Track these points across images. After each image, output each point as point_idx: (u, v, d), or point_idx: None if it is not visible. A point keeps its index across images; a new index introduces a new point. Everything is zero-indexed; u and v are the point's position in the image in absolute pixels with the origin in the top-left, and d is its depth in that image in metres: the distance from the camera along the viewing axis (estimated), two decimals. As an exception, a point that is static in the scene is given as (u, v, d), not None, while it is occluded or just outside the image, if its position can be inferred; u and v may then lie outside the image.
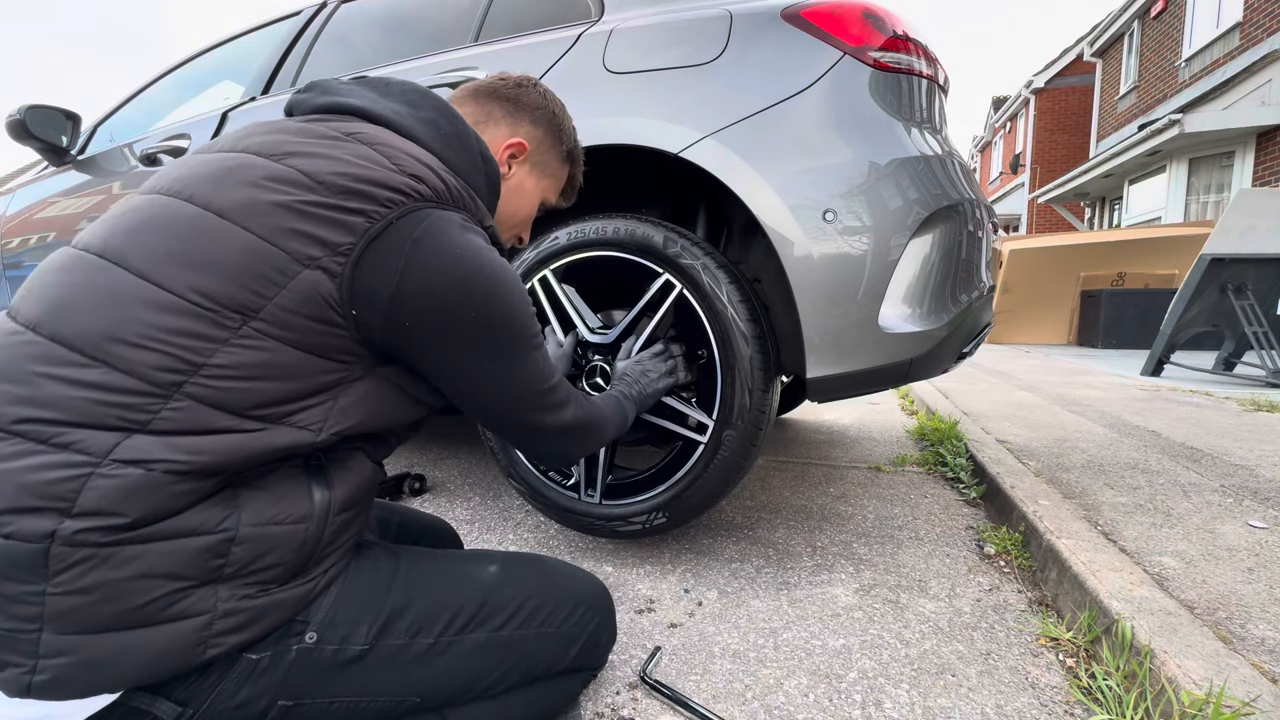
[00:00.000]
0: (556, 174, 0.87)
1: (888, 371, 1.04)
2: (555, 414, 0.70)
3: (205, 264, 0.50)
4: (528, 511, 1.51)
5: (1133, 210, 9.70)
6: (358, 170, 0.55)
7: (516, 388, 0.66)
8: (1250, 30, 7.51)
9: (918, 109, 1.09)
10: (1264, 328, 3.72)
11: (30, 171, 2.26)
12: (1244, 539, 1.24)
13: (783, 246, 1.01)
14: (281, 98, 1.63)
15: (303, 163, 0.55)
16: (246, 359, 0.50)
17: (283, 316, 0.51)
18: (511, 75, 0.85)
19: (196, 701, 0.52)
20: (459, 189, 0.63)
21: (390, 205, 0.55)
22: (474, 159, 0.69)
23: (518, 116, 0.81)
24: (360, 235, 0.53)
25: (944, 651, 0.92)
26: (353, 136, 0.60)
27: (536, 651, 0.67)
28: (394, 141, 0.61)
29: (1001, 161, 18.27)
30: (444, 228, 0.58)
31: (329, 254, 0.52)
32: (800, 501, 1.59)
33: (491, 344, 0.62)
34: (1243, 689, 0.72)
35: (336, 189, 0.54)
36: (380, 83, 0.71)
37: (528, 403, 0.67)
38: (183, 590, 0.49)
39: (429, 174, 0.60)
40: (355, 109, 0.65)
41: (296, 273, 0.51)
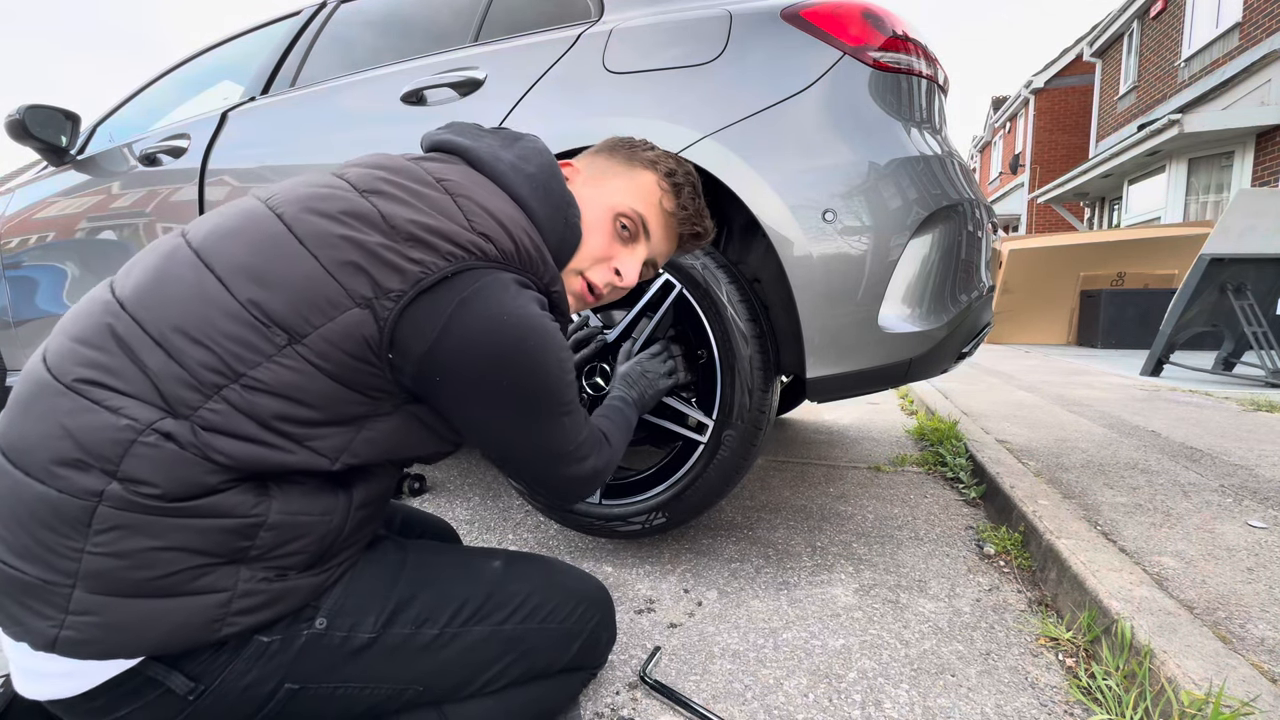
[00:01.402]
0: (622, 175, 0.76)
1: (887, 371, 1.04)
2: (576, 466, 0.69)
3: (271, 281, 0.53)
4: (527, 511, 1.51)
5: (1132, 210, 9.70)
6: (430, 220, 0.57)
7: (542, 448, 0.65)
8: (1250, 30, 7.52)
9: (917, 109, 1.09)
10: (1263, 328, 3.72)
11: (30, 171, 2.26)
12: (1243, 539, 1.24)
13: (782, 246, 1.01)
14: (282, 97, 1.63)
15: (383, 204, 0.57)
16: (283, 378, 0.52)
17: (323, 347, 0.53)
18: None
19: (208, 678, 0.53)
20: (530, 250, 0.62)
21: (450, 259, 0.56)
22: (555, 220, 0.68)
23: (590, 155, 0.81)
24: (412, 284, 0.54)
25: (944, 651, 0.92)
26: (442, 184, 0.61)
27: (539, 647, 0.68)
28: (478, 194, 0.62)
29: (1001, 161, 18.27)
30: (496, 291, 0.57)
31: (380, 296, 0.54)
32: (800, 501, 1.59)
33: (524, 409, 0.61)
34: (1242, 689, 0.72)
35: (404, 235, 0.55)
36: (502, 132, 0.74)
37: (551, 459, 0.66)
38: (208, 566, 0.51)
39: (500, 233, 0.60)
40: (460, 148, 0.68)
41: (346, 308, 0.53)
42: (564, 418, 0.65)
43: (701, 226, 0.80)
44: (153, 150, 1.72)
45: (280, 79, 1.70)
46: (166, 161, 1.70)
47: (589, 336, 1.12)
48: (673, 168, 0.77)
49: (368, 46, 1.65)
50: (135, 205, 1.75)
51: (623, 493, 1.19)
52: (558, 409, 0.64)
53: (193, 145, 1.65)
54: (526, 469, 0.67)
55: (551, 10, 1.35)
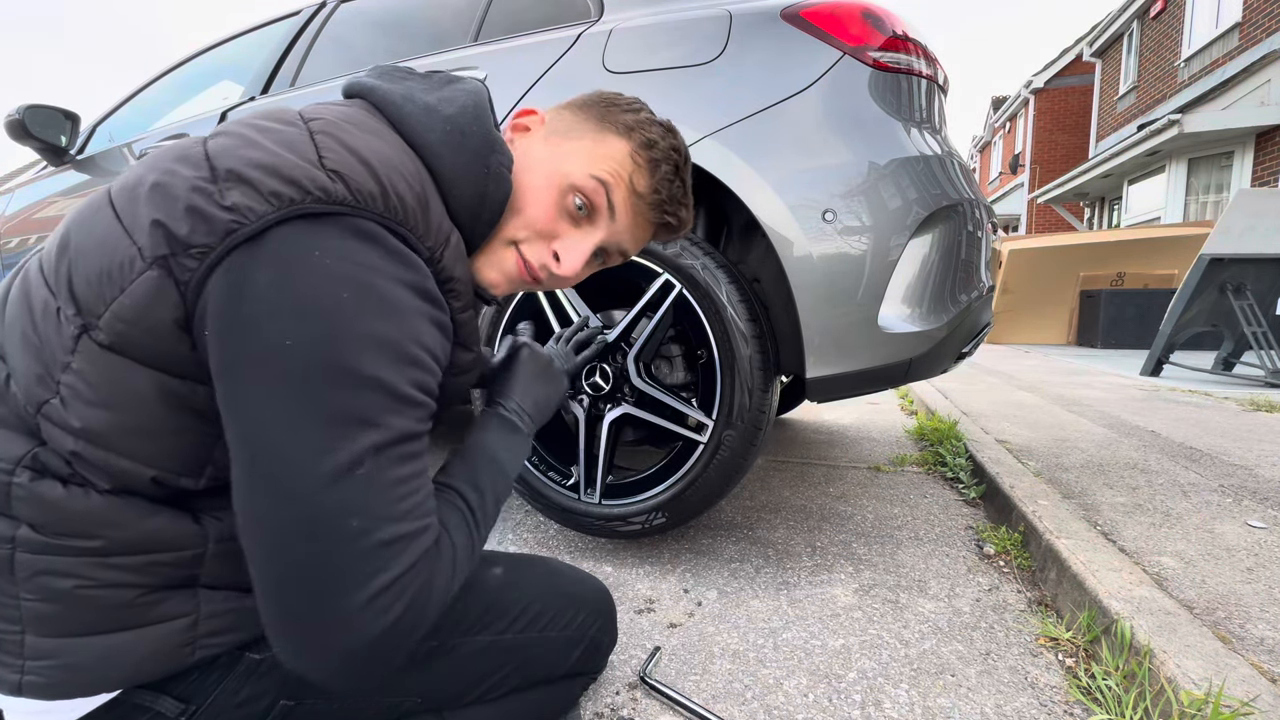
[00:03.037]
0: (587, 136, 0.60)
1: (887, 371, 1.04)
2: (366, 592, 0.41)
3: (75, 250, 0.44)
4: (527, 511, 1.51)
5: (1132, 210, 9.70)
6: (262, 157, 0.43)
7: (305, 475, 0.40)
8: (1249, 30, 7.52)
9: (917, 109, 1.09)
10: (1263, 328, 3.72)
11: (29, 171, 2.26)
12: (1243, 539, 1.24)
13: (782, 246, 1.01)
14: (281, 97, 1.63)
15: (218, 142, 0.45)
16: (91, 380, 0.43)
17: (121, 329, 0.42)
18: None
19: (199, 699, 0.51)
20: (409, 200, 0.47)
21: (274, 201, 0.41)
22: (469, 167, 0.54)
23: (560, 107, 0.65)
24: (222, 236, 0.40)
25: (943, 651, 0.92)
26: (306, 120, 0.48)
27: (539, 655, 0.66)
28: (348, 133, 0.47)
29: (1001, 161, 18.27)
30: (324, 229, 0.42)
31: (178, 253, 0.41)
32: (800, 501, 1.59)
33: (291, 376, 0.41)
34: (1242, 689, 0.72)
35: (224, 173, 0.42)
36: (437, 75, 0.60)
37: (317, 526, 0.40)
38: (158, 594, 0.47)
39: (360, 172, 0.45)
40: (365, 88, 0.56)
41: (140, 272, 0.41)
42: (370, 434, 0.41)
43: (675, 216, 0.64)
44: (152, 150, 1.72)
45: (280, 79, 1.70)
46: (166, 161, 1.70)
47: (589, 338, 1.12)
48: (653, 138, 0.61)
49: (367, 46, 1.65)
50: (135, 205, 1.75)
51: (623, 493, 1.19)
52: (364, 408, 0.41)
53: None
54: (281, 539, 0.40)
55: (551, 10, 1.35)
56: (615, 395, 1.18)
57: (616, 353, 1.17)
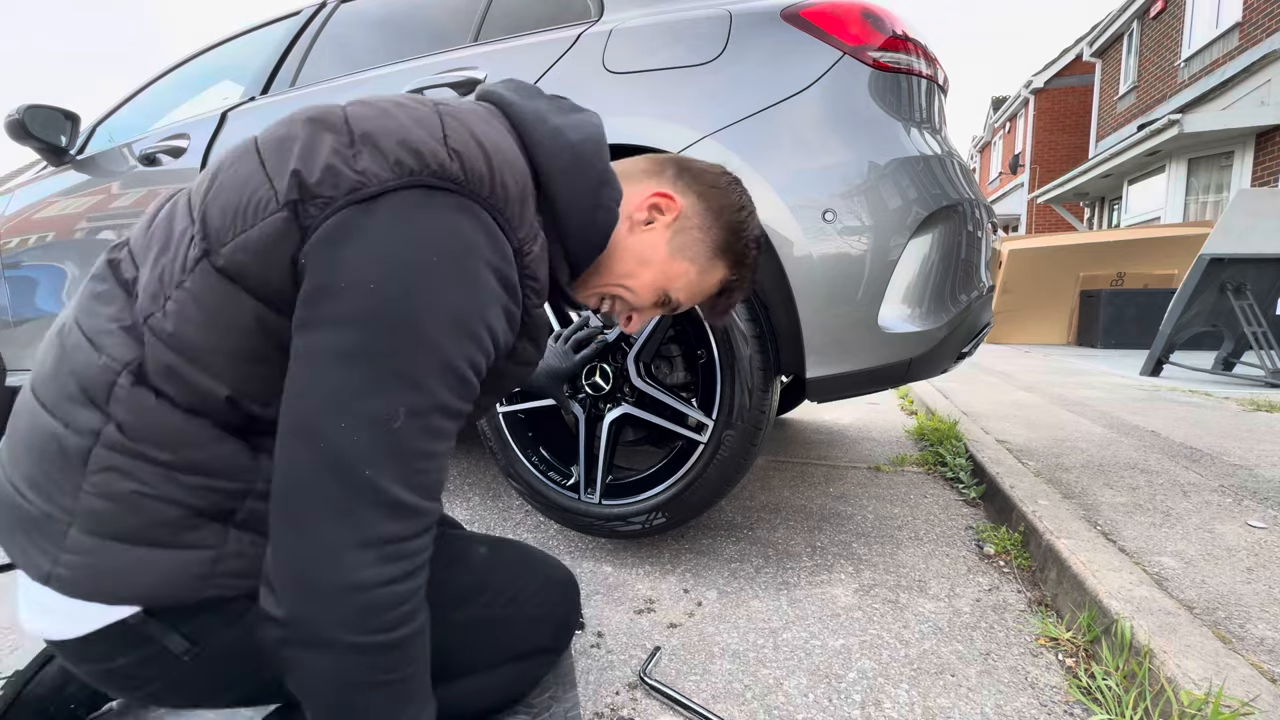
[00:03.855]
0: (698, 262, 0.68)
1: (887, 371, 1.04)
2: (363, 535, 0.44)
3: (219, 186, 0.49)
4: (527, 511, 1.51)
5: (1132, 210, 9.70)
6: (394, 126, 0.48)
7: (344, 414, 0.44)
8: (1249, 30, 7.52)
9: (917, 109, 1.09)
10: (1263, 328, 3.72)
11: (29, 171, 2.26)
12: (1243, 539, 1.24)
13: (782, 246, 1.01)
14: (281, 97, 1.63)
15: (356, 109, 0.50)
16: (200, 300, 0.48)
17: (239, 258, 0.47)
18: (721, 165, 0.74)
19: (205, 642, 0.53)
20: (513, 190, 0.51)
21: (398, 169, 0.46)
22: (582, 194, 0.58)
23: (688, 183, 0.68)
24: (346, 192, 0.46)
25: (943, 651, 0.92)
26: (439, 105, 0.53)
27: (519, 629, 0.70)
28: (475, 123, 0.52)
29: (1001, 161, 18.27)
30: (436, 201, 0.47)
31: (307, 200, 0.46)
32: (800, 501, 1.59)
33: (360, 319, 0.44)
34: (1242, 689, 0.72)
35: (359, 136, 0.48)
36: (563, 101, 0.65)
37: (340, 464, 0.43)
38: (195, 520, 0.50)
39: (477, 154, 0.49)
40: (496, 96, 0.61)
41: (271, 212, 0.46)
42: (414, 396, 0.45)
43: (718, 319, 0.78)
44: (152, 150, 1.72)
45: (280, 79, 1.70)
46: (166, 161, 1.70)
47: (589, 337, 1.12)
48: (744, 273, 0.71)
49: (368, 46, 1.65)
50: (135, 205, 1.75)
51: (623, 492, 1.19)
52: (417, 370, 0.45)
53: (192, 145, 1.65)
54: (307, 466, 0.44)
55: (551, 10, 1.35)
56: (615, 395, 1.18)
57: (616, 352, 1.17)
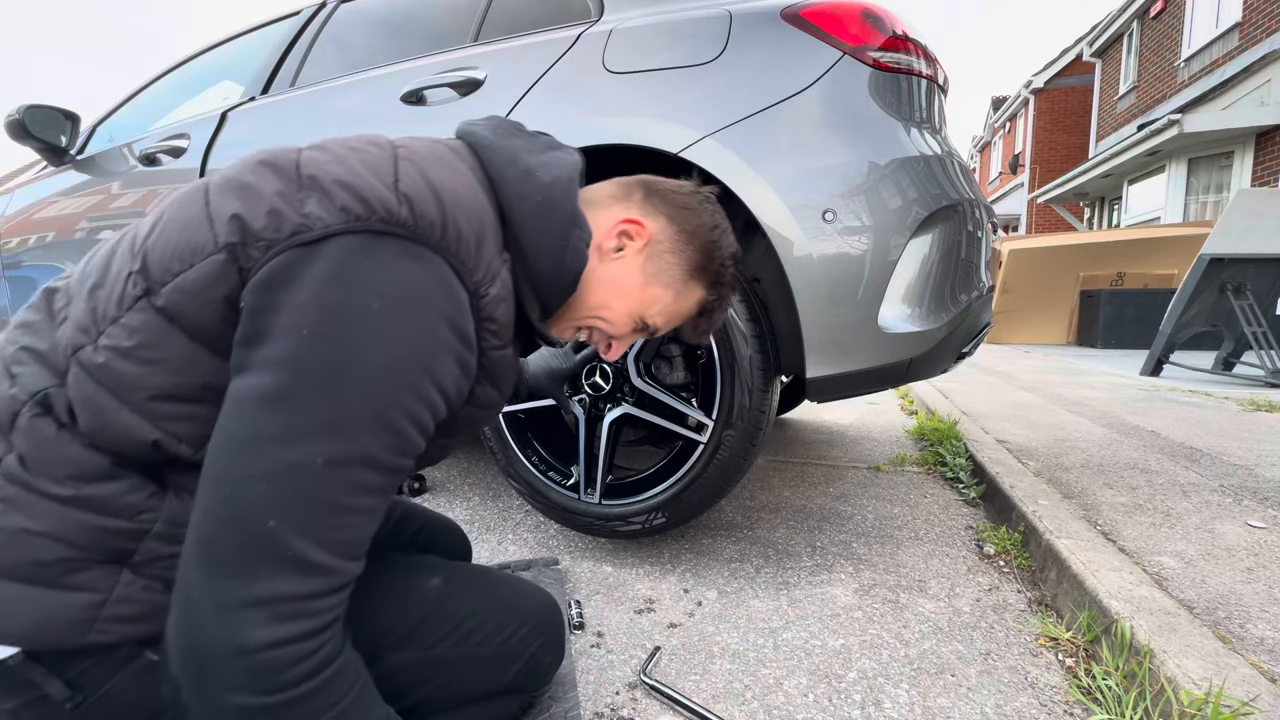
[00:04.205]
0: (673, 286, 0.67)
1: (887, 371, 1.04)
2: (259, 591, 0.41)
3: (163, 226, 0.49)
4: (527, 511, 1.51)
5: (1132, 210, 9.70)
6: (344, 174, 0.48)
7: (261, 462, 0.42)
8: (1249, 30, 7.51)
9: (917, 109, 1.09)
10: (1263, 328, 3.72)
11: (29, 171, 2.26)
12: (1243, 539, 1.24)
13: (782, 246, 1.01)
14: (281, 97, 1.63)
15: (310, 154, 0.50)
16: (136, 337, 0.47)
17: (176, 298, 0.46)
18: (690, 181, 0.72)
19: (89, 688, 0.50)
20: (467, 236, 0.50)
21: (344, 215, 0.46)
22: (550, 236, 0.58)
23: (657, 206, 0.67)
24: (288, 234, 0.45)
25: (943, 651, 0.92)
26: (396, 148, 0.52)
27: (470, 670, 0.63)
28: (432, 168, 0.51)
29: (1001, 161, 18.27)
30: (381, 248, 0.46)
31: (248, 243, 0.45)
32: (800, 501, 1.59)
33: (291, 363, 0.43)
34: (1242, 689, 0.72)
35: (306, 183, 0.47)
36: (542, 139, 0.65)
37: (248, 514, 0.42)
38: (82, 562, 0.47)
39: (428, 201, 0.48)
40: (471, 134, 0.61)
41: (208, 254, 0.46)
42: (339, 447, 0.43)
43: (700, 339, 0.75)
44: (153, 150, 1.72)
45: (280, 79, 1.70)
46: (166, 161, 1.70)
47: None
48: (722, 292, 0.70)
49: (367, 47, 1.65)
50: (135, 205, 1.75)
51: (623, 492, 1.19)
52: (345, 423, 0.43)
53: (192, 145, 1.65)
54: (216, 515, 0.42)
55: (551, 10, 1.35)
56: (615, 395, 1.18)
57: (616, 353, 1.17)
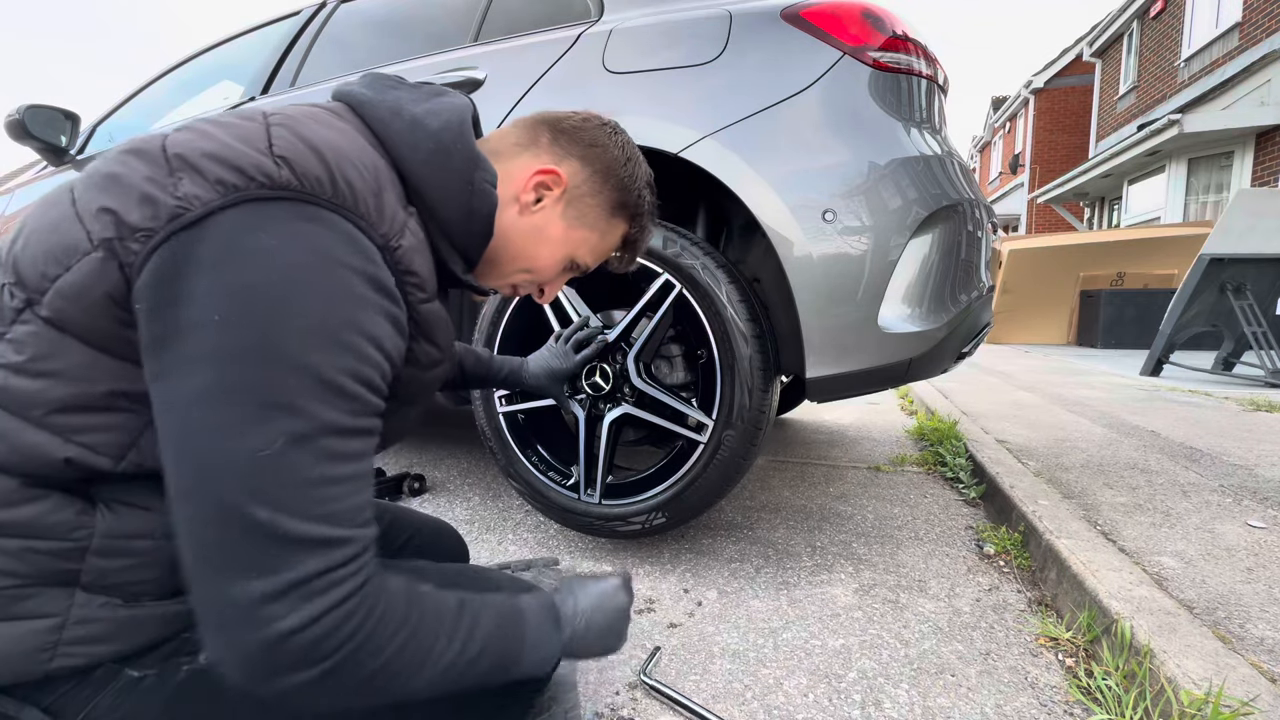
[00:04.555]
0: (598, 227, 0.68)
1: (887, 371, 1.04)
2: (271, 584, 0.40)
3: (28, 234, 0.45)
4: (527, 511, 1.51)
5: (1132, 210, 9.70)
6: (215, 148, 0.44)
7: (215, 455, 0.40)
8: (1249, 30, 7.52)
9: (917, 109, 1.09)
10: (1263, 328, 3.72)
11: (29, 171, 2.26)
12: (1243, 539, 1.24)
13: (782, 246, 1.01)
14: (282, 97, 1.63)
15: (178, 136, 0.45)
16: (27, 349, 0.43)
17: (60, 304, 0.43)
18: (590, 112, 0.70)
19: (68, 714, 0.47)
20: (360, 188, 0.47)
21: (220, 188, 0.42)
22: (451, 181, 0.56)
23: (566, 148, 0.66)
24: (166, 220, 0.41)
25: (943, 651, 0.92)
26: (268, 117, 0.48)
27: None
28: (307, 126, 0.48)
29: (1001, 161, 18.27)
30: (270, 212, 0.43)
31: (126, 237, 0.42)
32: (800, 501, 1.59)
33: (213, 351, 0.41)
34: (1242, 689, 0.72)
35: (176, 163, 0.43)
36: (426, 87, 0.61)
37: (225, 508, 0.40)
38: (27, 589, 0.44)
39: (308, 158, 0.45)
40: (348, 94, 0.57)
41: (84, 253, 0.42)
42: (289, 422, 0.41)
43: (628, 268, 0.77)
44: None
45: (280, 79, 1.70)
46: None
47: (589, 337, 1.12)
48: (643, 221, 0.71)
49: (367, 46, 1.65)
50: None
51: (623, 492, 1.19)
52: (285, 393, 0.41)
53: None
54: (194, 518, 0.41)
55: (551, 10, 1.35)
56: (615, 395, 1.18)
57: (617, 352, 1.17)
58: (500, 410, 1.27)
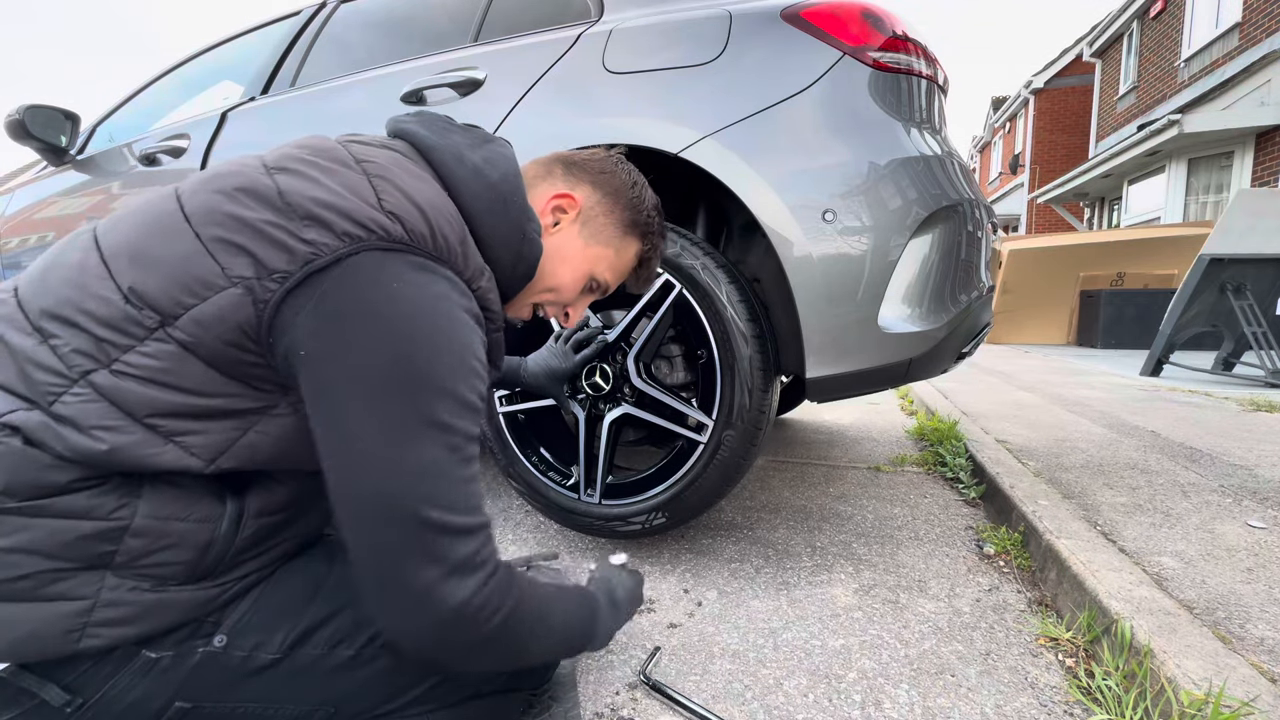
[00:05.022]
0: (612, 244, 0.73)
1: (887, 371, 1.04)
2: (444, 567, 0.48)
3: (148, 260, 0.49)
4: (527, 511, 1.51)
5: (1132, 210, 9.70)
6: (330, 198, 0.51)
7: (403, 474, 0.48)
8: (1249, 30, 7.51)
9: (917, 109, 1.09)
10: (1263, 328, 3.72)
11: (29, 171, 2.26)
12: (1243, 539, 1.24)
13: (782, 246, 1.01)
14: (281, 97, 1.63)
15: (284, 179, 0.52)
16: (154, 363, 0.48)
17: (194, 330, 0.48)
18: (598, 148, 0.79)
19: (88, 691, 0.50)
20: (452, 240, 0.55)
21: (346, 240, 0.49)
22: (508, 231, 0.62)
23: (579, 176, 0.73)
24: (301, 265, 0.48)
25: (943, 651, 0.92)
26: (361, 164, 0.55)
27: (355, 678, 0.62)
28: (401, 178, 0.55)
29: (1001, 162, 18.27)
30: (394, 267, 0.50)
31: (263, 277, 0.48)
32: (800, 501, 1.59)
33: (389, 393, 0.48)
34: (1242, 689, 0.72)
35: (299, 213, 0.50)
36: (473, 131, 0.67)
37: (403, 511, 0.47)
38: (62, 572, 0.47)
39: (414, 214, 0.53)
40: (411, 134, 0.63)
41: (221, 289, 0.48)
42: (443, 436, 0.50)
43: (644, 288, 0.84)
44: (153, 150, 1.72)
45: (280, 79, 1.70)
46: (166, 161, 1.70)
47: (589, 337, 1.12)
48: (654, 241, 0.77)
49: (367, 47, 1.65)
50: (135, 205, 1.75)
51: (623, 492, 1.19)
52: (438, 413, 0.49)
53: (192, 145, 1.65)
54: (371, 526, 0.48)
55: (551, 10, 1.35)
56: (615, 395, 1.18)
57: (617, 353, 1.17)
58: (500, 410, 1.27)
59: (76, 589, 0.48)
